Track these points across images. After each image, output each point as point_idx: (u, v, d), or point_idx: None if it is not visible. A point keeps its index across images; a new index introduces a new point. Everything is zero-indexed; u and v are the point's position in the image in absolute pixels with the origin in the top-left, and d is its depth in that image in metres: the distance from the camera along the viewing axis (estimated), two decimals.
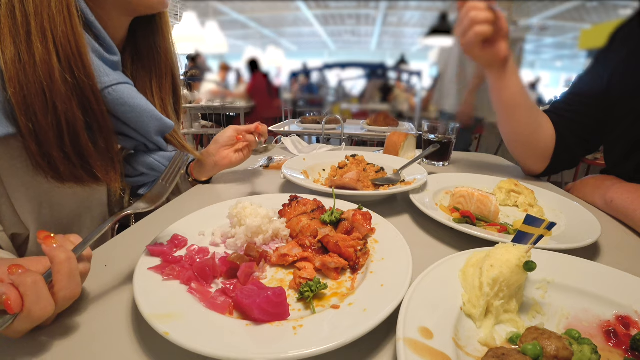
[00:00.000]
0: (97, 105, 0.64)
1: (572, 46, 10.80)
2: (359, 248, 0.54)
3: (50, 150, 0.59)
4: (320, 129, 2.35)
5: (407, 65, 7.78)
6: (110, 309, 0.46)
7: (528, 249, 0.44)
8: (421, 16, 9.07)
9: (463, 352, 0.36)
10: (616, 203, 0.80)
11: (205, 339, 0.36)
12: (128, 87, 0.69)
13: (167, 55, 0.84)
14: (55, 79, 0.57)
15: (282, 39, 12.56)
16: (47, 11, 0.56)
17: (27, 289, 0.36)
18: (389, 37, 12.14)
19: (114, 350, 0.39)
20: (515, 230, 0.60)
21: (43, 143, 0.59)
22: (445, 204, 0.83)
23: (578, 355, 0.35)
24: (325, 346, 0.35)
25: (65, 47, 0.58)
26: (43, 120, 0.57)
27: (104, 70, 0.65)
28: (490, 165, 1.33)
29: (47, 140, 0.59)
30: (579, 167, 3.76)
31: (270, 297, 0.41)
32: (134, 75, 0.79)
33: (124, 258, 0.57)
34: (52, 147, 0.59)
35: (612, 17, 7.70)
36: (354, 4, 8.43)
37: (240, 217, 0.61)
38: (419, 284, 0.43)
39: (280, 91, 6.12)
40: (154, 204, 0.54)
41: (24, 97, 0.55)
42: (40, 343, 0.40)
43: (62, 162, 0.61)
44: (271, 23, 10.43)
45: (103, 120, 0.66)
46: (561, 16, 8.02)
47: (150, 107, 0.73)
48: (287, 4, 8.18)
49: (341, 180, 0.86)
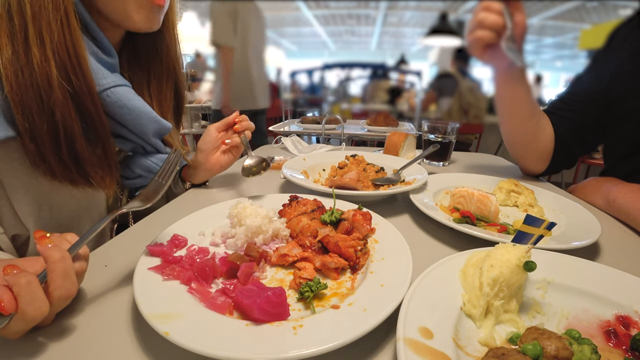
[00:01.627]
0: (95, 112, 0.63)
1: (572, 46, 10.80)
2: (359, 248, 0.54)
3: (46, 153, 0.59)
4: (320, 129, 2.35)
5: (407, 65, 7.79)
6: (110, 309, 0.46)
7: (528, 249, 0.44)
8: (421, 16, 9.07)
9: (463, 352, 0.36)
10: (618, 203, 0.80)
11: (205, 339, 0.36)
12: (126, 89, 0.69)
13: (169, 59, 0.83)
14: (53, 85, 0.57)
15: (282, 39, 12.56)
16: (45, 17, 0.55)
17: (20, 290, 0.35)
18: (389, 37, 12.14)
19: (114, 350, 0.39)
20: (515, 230, 0.60)
21: (40, 145, 0.58)
22: (445, 204, 0.83)
23: (578, 355, 0.35)
24: (325, 346, 0.35)
25: (62, 54, 0.57)
26: (40, 124, 0.57)
27: (102, 73, 0.65)
28: (490, 165, 1.33)
29: (44, 144, 0.59)
30: (579, 167, 3.76)
31: (270, 297, 0.41)
32: (131, 77, 0.79)
33: (124, 258, 0.57)
34: (48, 151, 0.59)
35: (612, 17, 7.70)
36: (354, 4, 8.42)
37: (240, 217, 0.61)
38: (419, 284, 0.43)
39: (280, 91, 6.12)
40: (149, 202, 0.54)
41: (21, 98, 0.55)
42: (40, 343, 0.40)
43: (58, 166, 0.61)
44: (271, 23, 10.42)
45: (101, 126, 0.65)
46: (561, 16, 8.02)
47: (147, 109, 0.72)
48: (287, 4, 8.17)
49: (341, 180, 0.86)
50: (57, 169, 0.61)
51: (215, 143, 0.92)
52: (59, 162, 0.61)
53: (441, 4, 7.44)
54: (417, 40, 11.26)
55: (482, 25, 0.84)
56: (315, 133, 2.65)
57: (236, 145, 0.94)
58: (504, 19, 0.82)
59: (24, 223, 0.65)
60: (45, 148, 0.59)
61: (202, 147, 0.92)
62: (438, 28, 4.58)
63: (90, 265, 0.54)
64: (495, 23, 0.82)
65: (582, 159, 3.33)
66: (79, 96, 0.60)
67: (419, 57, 11.17)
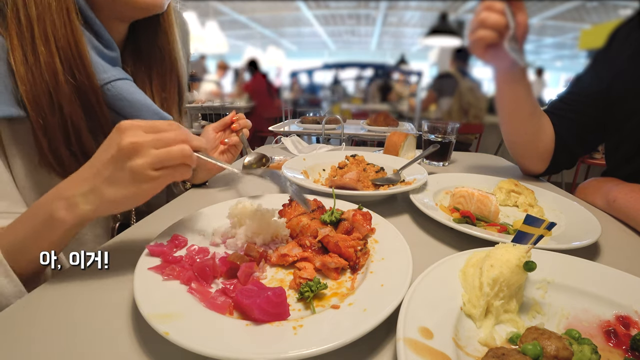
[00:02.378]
0: (97, 106, 0.66)
1: (572, 46, 10.79)
2: (359, 248, 0.54)
3: (59, 146, 0.63)
4: (320, 129, 2.35)
5: (407, 65, 7.78)
6: (110, 309, 0.46)
7: (528, 249, 0.44)
8: (421, 16, 9.06)
9: (463, 352, 0.36)
10: (619, 203, 0.80)
11: (205, 339, 0.36)
12: (127, 83, 0.71)
13: (170, 55, 0.84)
14: (60, 81, 0.61)
15: (282, 39, 12.56)
16: (49, 16, 0.59)
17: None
18: (389, 37, 12.13)
19: (114, 350, 0.39)
20: (515, 230, 0.60)
21: (52, 139, 0.62)
22: (445, 204, 0.83)
23: (578, 355, 0.35)
24: (325, 346, 0.35)
25: (65, 50, 0.61)
26: (51, 119, 0.61)
27: (102, 67, 0.67)
28: (490, 165, 1.33)
29: (56, 137, 0.63)
30: (579, 167, 3.75)
31: (270, 297, 0.41)
32: (134, 72, 0.80)
33: (124, 258, 0.57)
34: (60, 144, 0.63)
35: (612, 17, 7.70)
36: (354, 4, 8.42)
37: (240, 217, 0.61)
38: (419, 284, 0.43)
39: (280, 91, 6.12)
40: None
41: (34, 96, 0.59)
42: (40, 343, 0.40)
43: (69, 159, 0.65)
44: (271, 23, 10.41)
45: (104, 120, 0.68)
46: (561, 16, 8.02)
47: (148, 102, 0.74)
48: (287, 4, 8.16)
49: (341, 180, 0.86)
50: (68, 161, 0.65)
51: (214, 143, 0.93)
52: (70, 155, 0.65)
53: (441, 4, 7.43)
54: (417, 40, 11.26)
55: (484, 25, 0.83)
56: (315, 133, 2.65)
57: (235, 144, 0.95)
58: (506, 18, 0.81)
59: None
60: (57, 141, 0.63)
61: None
62: (438, 28, 4.58)
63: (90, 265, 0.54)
64: (497, 23, 0.81)
65: (582, 159, 3.33)
66: (83, 90, 0.64)
67: (419, 57, 11.16)
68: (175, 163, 0.49)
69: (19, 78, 0.58)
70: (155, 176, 0.47)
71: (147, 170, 0.46)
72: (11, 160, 0.63)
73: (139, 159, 0.46)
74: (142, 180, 0.47)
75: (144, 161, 0.46)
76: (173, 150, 0.48)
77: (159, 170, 0.48)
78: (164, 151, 0.47)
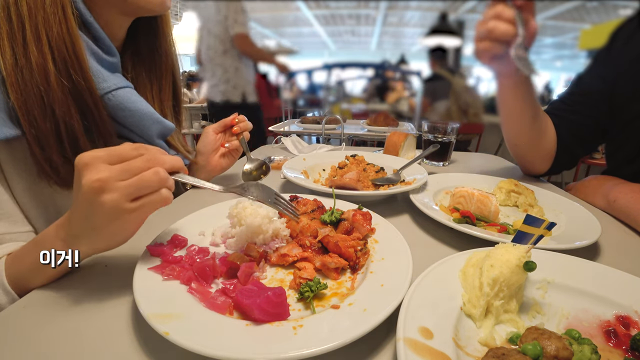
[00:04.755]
0: (95, 109, 0.64)
1: (572, 46, 10.78)
2: (359, 248, 0.54)
3: (52, 154, 0.59)
4: (320, 129, 2.35)
5: (407, 65, 7.78)
6: (110, 309, 0.46)
7: (528, 249, 0.44)
8: (421, 16, 9.06)
9: (463, 352, 0.36)
10: (619, 203, 0.80)
11: (205, 339, 0.36)
12: (128, 91, 0.69)
13: (168, 57, 0.83)
14: (52, 83, 0.57)
15: (282, 39, 12.56)
16: (41, 13, 0.56)
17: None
18: (389, 37, 12.13)
19: (114, 350, 0.39)
20: (515, 230, 0.60)
21: (45, 148, 0.59)
22: (445, 204, 0.83)
23: (578, 355, 0.35)
24: (325, 346, 0.35)
25: (61, 50, 0.57)
26: (43, 125, 0.58)
27: (102, 76, 0.64)
28: (490, 165, 1.33)
29: (49, 145, 0.59)
30: (579, 167, 3.75)
31: (270, 297, 0.41)
32: (134, 77, 0.79)
33: (124, 258, 0.57)
34: (53, 151, 0.60)
35: (612, 17, 7.69)
36: (354, 4, 8.42)
37: (240, 217, 0.61)
38: (419, 284, 0.43)
39: (280, 91, 6.11)
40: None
41: (24, 101, 0.56)
42: (40, 343, 0.40)
43: (63, 166, 0.61)
44: (271, 23, 10.42)
45: (102, 124, 0.65)
46: (561, 16, 8.02)
47: (150, 110, 0.73)
48: (287, 4, 8.17)
49: (341, 180, 0.86)
50: (63, 169, 0.61)
51: (214, 145, 0.94)
52: (63, 162, 0.61)
53: (441, 4, 7.43)
54: (417, 40, 11.26)
55: (492, 35, 0.78)
56: (315, 133, 2.65)
57: (235, 148, 0.96)
58: (516, 28, 0.76)
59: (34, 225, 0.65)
60: (50, 149, 0.59)
61: (201, 150, 0.94)
62: (438, 28, 4.58)
63: (90, 265, 0.54)
64: (506, 33, 0.76)
65: (583, 159, 3.33)
66: (79, 92, 0.61)
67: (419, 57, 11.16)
68: (151, 190, 0.44)
69: (9, 85, 0.54)
70: (134, 207, 0.43)
71: (123, 203, 0.42)
72: (9, 178, 0.61)
73: (108, 194, 0.41)
74: (122, 214, 0.43)
75: (115, 196, 0.41)
76: (145, 177, 0.43)
77: (137, 200, 0.43)
78: (134, 180, 0.43)
